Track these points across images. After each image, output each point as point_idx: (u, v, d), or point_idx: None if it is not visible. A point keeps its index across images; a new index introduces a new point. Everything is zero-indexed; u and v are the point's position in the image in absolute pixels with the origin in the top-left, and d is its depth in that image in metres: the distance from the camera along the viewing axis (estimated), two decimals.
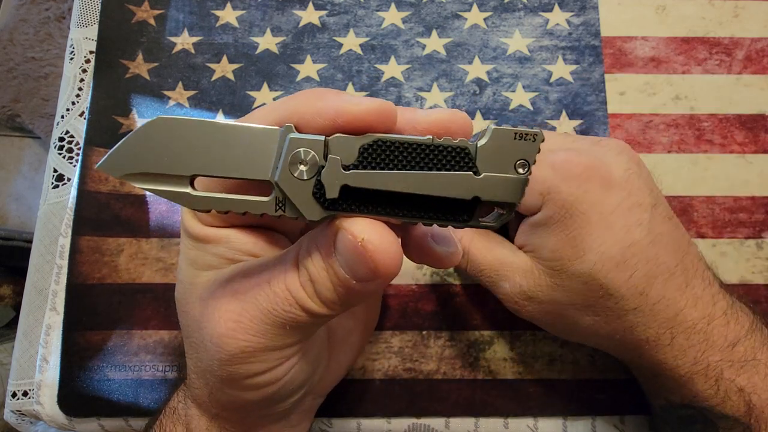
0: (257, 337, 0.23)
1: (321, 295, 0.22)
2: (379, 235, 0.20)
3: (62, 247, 0.39)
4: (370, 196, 0.20)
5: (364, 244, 0.20)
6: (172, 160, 0.20)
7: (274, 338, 0.23)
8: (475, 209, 0.20)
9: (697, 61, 0.43)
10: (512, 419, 0.37)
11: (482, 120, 0.41)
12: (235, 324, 0.23)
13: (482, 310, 0.38)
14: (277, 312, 0.22)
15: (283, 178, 0.20)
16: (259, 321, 0.23)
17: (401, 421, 0.37)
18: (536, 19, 0.44)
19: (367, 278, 0.21)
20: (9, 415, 0.38)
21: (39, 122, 1.06)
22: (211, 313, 0.24)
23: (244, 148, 0.20)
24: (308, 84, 0.42)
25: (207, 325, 0.24)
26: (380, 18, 0.44)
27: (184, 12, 0.44)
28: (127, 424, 0.37)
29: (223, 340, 0.23)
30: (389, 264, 0.20)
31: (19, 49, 1.07)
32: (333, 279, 0.21)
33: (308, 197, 0.20)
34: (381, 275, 0.21)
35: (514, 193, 0.20)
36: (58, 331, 0.38)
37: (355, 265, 0.21)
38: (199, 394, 0.27)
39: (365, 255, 0.20)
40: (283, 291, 0.22)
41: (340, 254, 0.21)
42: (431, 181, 0.20)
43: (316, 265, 0.22)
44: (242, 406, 0.26)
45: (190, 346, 0.27)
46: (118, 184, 0.40)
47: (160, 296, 0.38)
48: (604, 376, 0.37)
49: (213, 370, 0.24)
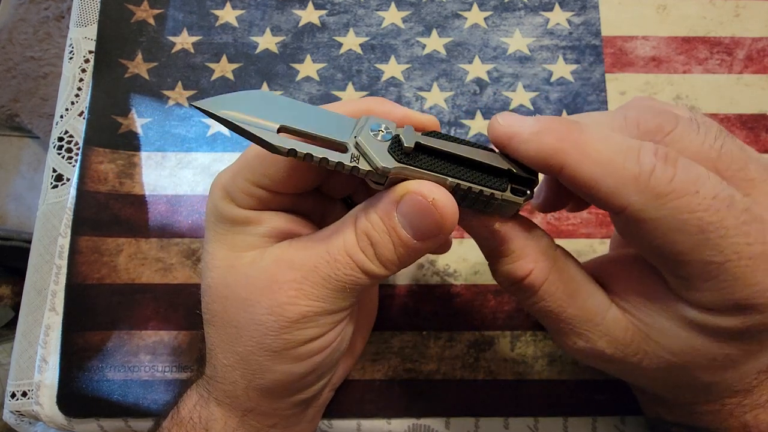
0: (318, 301, 0.25)
1: (381, 257, 0.24)
2: (445, 194, 0.23)
3: (61, 248, 0.39)
4: (431, 161, 0.24)
5: (434, 203, 0.23)
6: (266, 112, 0.23)
7: (334, 302, 0.25)
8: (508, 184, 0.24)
9: (697, 60, 0.43)
10: (512, 419, 0.37)
11: (482, 120, 0.41)
12: (297, 291, 0.25)
13: (482, 311, 0.38)
14: (339, 276, 0.24)
15: (363, 136, 0.23)
16: (321, 286, 0.25)
17: (401, 421, 0.37)
18: (537, 18, 0.44)
19: (432, 234, 0.23)
20: (8, 416, 0.38)
21: (38, 122, 1.06)
22: (267, 285, 0.25)
23: (328, 119, 0.24)
24: (308, 84, 0.42)
25: (261, 298, 0.25)
26: (380, 17, 0.44)
27: (183, 11, 0.44)
28: (127, 424, 0.37)
29: (283, 308, 0.25)
30: (453, 219, 0.23)
31: (18, 49, 1.07)
32: (395, 239, 0.24)
33: (384, 152, 0.23)
34: (446, 230, 0.23)
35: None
36: (58, 331, 0.38)
37: (422, 223, 0.23)
38: (231, 390, 0.28)
39: (435, 212, 0.23)
40: (343, 256, 0.24)
41: (404, 215, 0.23)
42: (478, 152, 0.24)
43: (377, 228, 0.24)
44: (286, 385, 0.27)
45: (228, 332, 0.27)
46: (117, 185, 0.40)
47: (159, 296, 0.38)
48: (604, 377, 0.37)
49: (264, 345, 0.26)
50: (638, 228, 0.22)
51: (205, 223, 0.28)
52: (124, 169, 0.40)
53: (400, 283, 0.38)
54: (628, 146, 0.22)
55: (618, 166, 0.21)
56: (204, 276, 0.28)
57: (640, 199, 0.21)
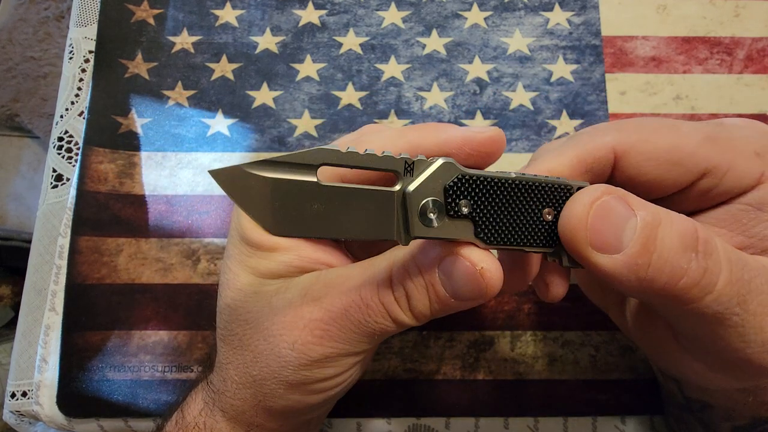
0: (343, 344, 0.25)
1: (414, 310, 0.24)
2: (492, 263, 0.22)
3: (61, 247, 0.39)
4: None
5: (482, 272, 0.22)
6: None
7: (358, 345, 0.25)
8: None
9: (697, 60, 0.43)
10: (512, 420, 0.37)
11: (482, 119, 0.41)
12: (323, 332, 0.24)
13: (482, 311, 0.38)
14: (369, 323, 0.24)
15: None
16: (348, 330, 0.24)
17: (401, 421, 0.37)
18: (537, 18, 0.44)
19: (472, 298, 0.23)
20: (8, 416, 0.38)
21: (38, 122, 1.06)
22: (292, 320, 0.25)
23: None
24: (308, 84, 0.42)
25: (285, 332, 0.25)
26: (380, 17, 0.44)
27: (183, 11, 0.44)
28: (127, 424, 0.37)
29: (307, 347, 0.24)
30: (498, 287, 0.22)
31: (18, 49, 1.07)
32: (432, 296, 0.23)
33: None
34: (488, 297, 0.23)
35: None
36: (57, 331, 0.38)
37: (465, 287, 0.22)
38: (239, 405, 0.27)
39: (481, 281, 0.22)
40: (377, 304, 0.24)
41: (447, 275, 0.23)
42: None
43: (415, 283, 0.23)
44: (297, 411, 0.27)
45: (244, 355, 0.26)
46: (117, 184, 0.40)
47: (159, 296, 0.38)
48: (604, 377, 0.37)
49: (281, 377, 0.25)
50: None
51: (228, 236, 0.28)
52: (124, 169, 0.40)
53: None
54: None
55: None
56: (223, 293, 0.27)
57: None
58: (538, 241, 0.23)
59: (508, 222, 0.22)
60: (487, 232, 0.22)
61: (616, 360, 0.37)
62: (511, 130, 0.41)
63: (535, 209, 0.22)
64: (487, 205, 0.22)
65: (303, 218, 0.21)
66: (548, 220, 0.23)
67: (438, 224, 0.21)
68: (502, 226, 0.22)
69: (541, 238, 0.23)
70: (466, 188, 0.21)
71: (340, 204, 0.21)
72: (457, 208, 0.21)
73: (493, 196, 0.22)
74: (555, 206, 0.23)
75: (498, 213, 0.22)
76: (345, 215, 0.21)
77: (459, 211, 0.21)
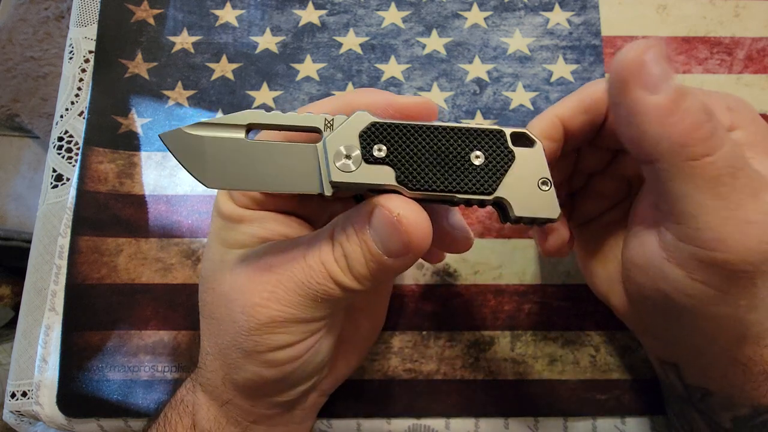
0: (289, 307, 0.24)
1: (354, 270, 0.24)
2: (412, 210, 0.22)
3: (61, 247, 0.39)
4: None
5: (399, 219, 0.22)
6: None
7: (305, 310, 0.25)
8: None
9: (697, 60, 0.43)
10: (512, 420, 0.37)
11: (482, 119, 0.41)
12: (270, 294, 0.24)
13: (482, 310, 0.38)
14: (311, 284, 0.24)
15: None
16: (293, 292, 0.24)
17: (401, 421, 0.37)
18: (537, 18, 0.44)
19: (400, 252, 0.23)
20: (8, 416, 0.38)
21: (38, 122, 1.06)
22: (244, 283, 0.25)
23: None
24: (308, 84, 0.42)
25: (239, 296, 0.25)
26: (380, 17, 0.44)
27: (183, 11, 0.44)
28: (127, 424, 0.37)
29: (256, 309, 0.24)
30: (421, 238, 0.22)
31: (18, 49, 1.06)
32: (366, 254, 0.23)
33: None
34: (413, 249, 0.22)
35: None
36: (57, 331, 0.38)
37: (389, 239, 0.22)
38: (212, 378, 0.28)
39: (400, 229, 0.22)
40: (317, 264, 0.24)
41: (374, 230, 0.23)
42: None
43: (350, 241, 0.23)
44: (257, 387, 0.27)
45: (212, 322, 0.27)
46: (117, 184, 0.40)
47: (159, 296, 0.38)
48: (605, 377, 0.37)
49: (237, 343, 0.25)
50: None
51: (211, 215, 0.29)
52: (124, 169, 0.40)
53: (401, 283, 0.38)
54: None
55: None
56: (202, 264, 0.29)
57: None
58: (469, 186, 0.23)
59: (431, 166, 0.22)
60: (409, 176, 0.22)
61: (616, 360, 0.37)
62: None
63: (461, 152, 0.23)
64: (404, 148, 0.22)
65: (233, 173, 0.23)
66: (479, 165, 0.23)
67: (355, 168, 0.22)
68: (424, 170, 0.22)
69: (473, 183, 0.23)
70: (382, 134, 0.23)
71: (266, 159, 0.23)
72: (372, 152, 0.22)
73: (410, 141, 0.22)
74: (485, 150, 0.23)
75: (418, 157, 0.22)
76: (271, 169, 0.23)
77: (373, 154, 0.22)
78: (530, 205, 0.23)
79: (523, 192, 0.23)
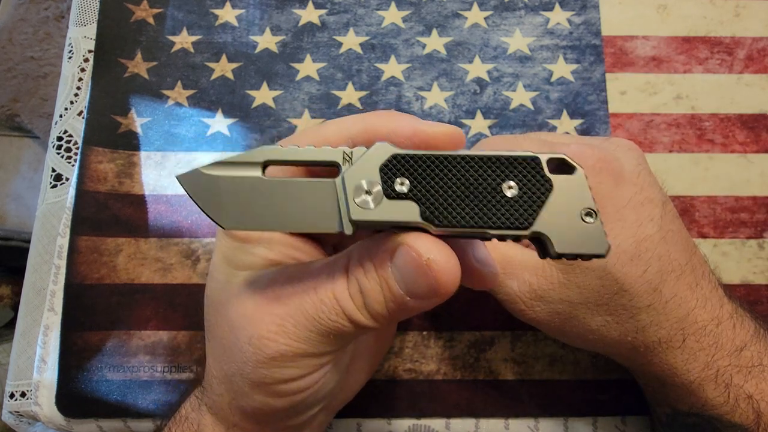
0: (298, 342, 0.23)
1: (370, 308, 0.22)
2: (442, 253, 0.20)
3: (60, 247, 0.39)
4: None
5: (429, 263, 0.20)
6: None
7: (315, 345, 0.23)
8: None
9: (698, 60, 0.43)
10: (513, 420, 0.37)
11: (483, 119, 0.41)
12: (278, 327, 0.23)
13: (483, 311, 0.38)
14: (323, 320, 0.22)
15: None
16: (303, 327, 0.23)
17: (401, 421, 0.37)
18: (537, 18, 0.43)
19: (426, 296, 0.21)
20: (7, 416, 0.38)
21: (38, 122, 1.06)
22: (251, 312, 0.24)
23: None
24: (308, 83, 0.42)
25: (246, 325, 0.24)
26: (380, 17, 0.44)
27: (183, 11, 0.44)
28: (126, 425, 0.37)
29: (263, 342, 0.23)
30: (451, 284, 0.21)
31: (18, 49, 1.06)
32: (386, 293, 0.22)
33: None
34: (441, 294, 0.21)
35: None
36: (57, 331, 0.38)
37: (414, 282, 0.21)
38: (218, 401, 0.27)
39: (429, 274, 0.20)
40: (330, 299, 0.22)
41: (397, 269, 0.21)
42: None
43: (368, 278, 0.22)
44: (265, 414, 0.26)
45: (218, 347, 0.26)
46: (117, 184, 0.40)
47: (158, 296, 0.38)
48: (605, 377, 0.37)
49: (244, 373, 0.24)
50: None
51: (216, 230, 0.28)
52: (123, 169, 0.40)
53: None
54: None
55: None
56: (207, 283, 0.27)
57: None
58: (503, 221, 0.21)
59: (459, 200, 0.21)
60: (435, 212, 0.21)
61: (616, 360, 0.37)
62: (511, 129, 0.41)
63: (492, 183, 0.21)
64: (429, 182, 0.21)
65: (250, 213, 0.21)
66: (512, 196, 0.21)
67: (376, 205, 0.20)
68: (451, 205, 0.21)
69: (507, 217, 0.21)
70: (404, 167, 0.21)
71: (284, 197, 0.21)
72: (394, 186, 0.21)
73: (434, 173, 0.21)
74: (519, 179, 0.21)
75: (444, 190, 0.21)
76: (289, 208, 0.21)
77: (395, 189, 0.21)
78: (573, 240, 0.20)
79: (564, 225, 0.21)
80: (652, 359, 0.30)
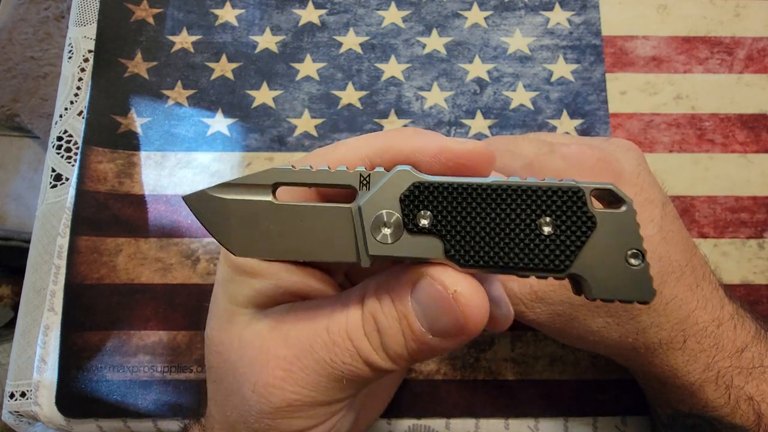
0: (308, 389, 0.21)
1: (388, 348, 0.20)
2: (471, 287, 0.19)
3: (60, 247, 0.39)
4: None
5: (456, 297, 0.18)
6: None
7: (326, 392, 0.21)
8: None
9: (698, 60, 0.43)
10: (513, 420, 0.37)
11: (483, 119, 0.41)
12: (285, 373, 0.21)
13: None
14: (335, 364, 0.20)
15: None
16: (313, 372, 0.21)
17: (401, 421, 0.37)
18: (537, 18, 0.43)
19: (450, 334, 0.19)
20: (7, 416, 0.38)
21: (38, 122, 1.06)
22: (255, 356, 0.21)
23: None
24: (308, 83, 0.42)
25: (248, 370, 0.22)
26: (380, 17, 0.44)
27: (183, 11, 0.44)
28: (126, 425, 0.37)
29: (268, 390, 0.21)
30: (480, 320, 0.19)
31: (18, 49, 1.06)
32: (406, 331, 0.20)
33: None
34: (468, 332, 0.19)
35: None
36: (56, 331, 0.38)
37: (438, 318, 0.19)
38: None
39: (455, 309, 0.19)
40: (343, 340, 0.20)
41: (419, 303, 0.19)
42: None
43: (386, 313, 0.20)
44: None
45: (219, 391, 0.24)
46: (117, 184, 0.40)
47: (158, 296, 0.38)
48: (605, 377, 0.37)
49: (248, 423, 0.22)
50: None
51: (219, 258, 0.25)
52: (123, 169, 0.40)
53: None
54: None
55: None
56: (207, 321, 0.25)
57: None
58: (536, 262, 0.18)
59: (487, 237, 0.18)
60: (460, 250, 0.18)
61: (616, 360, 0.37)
62: (511, 129, 0.41)
63: (526, 219, 0.18)
64: (454, 215, 0.18)
65: (262, 239, 0.20)
66: (549, 233, 0.18)
67: (394, 240, 0.19)
68: (479, 243, 0.18)
69: (542, 258, 0.18)
70: (427, 198, 0.19)
71: (296, 223, 0.20)
72: (416, 221, 0.19)
73: (461, 205, 0.19)
74: (557, 214, 0.18)
75: (471, 226, 0.18)
76: (301, 235, 0.20)
77: (417, 223, 0.19)
78: (615, 285, 0.18)
79: (605, 267, 0.18)
80: (652, 360, 0.30)
